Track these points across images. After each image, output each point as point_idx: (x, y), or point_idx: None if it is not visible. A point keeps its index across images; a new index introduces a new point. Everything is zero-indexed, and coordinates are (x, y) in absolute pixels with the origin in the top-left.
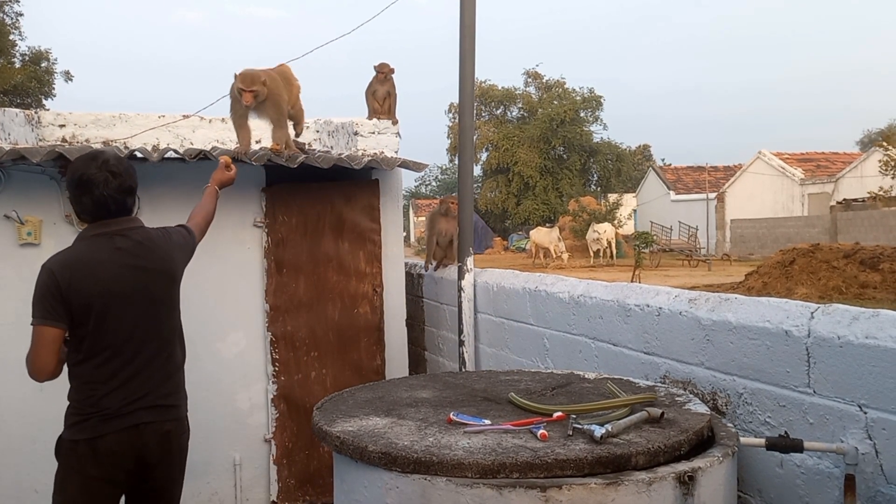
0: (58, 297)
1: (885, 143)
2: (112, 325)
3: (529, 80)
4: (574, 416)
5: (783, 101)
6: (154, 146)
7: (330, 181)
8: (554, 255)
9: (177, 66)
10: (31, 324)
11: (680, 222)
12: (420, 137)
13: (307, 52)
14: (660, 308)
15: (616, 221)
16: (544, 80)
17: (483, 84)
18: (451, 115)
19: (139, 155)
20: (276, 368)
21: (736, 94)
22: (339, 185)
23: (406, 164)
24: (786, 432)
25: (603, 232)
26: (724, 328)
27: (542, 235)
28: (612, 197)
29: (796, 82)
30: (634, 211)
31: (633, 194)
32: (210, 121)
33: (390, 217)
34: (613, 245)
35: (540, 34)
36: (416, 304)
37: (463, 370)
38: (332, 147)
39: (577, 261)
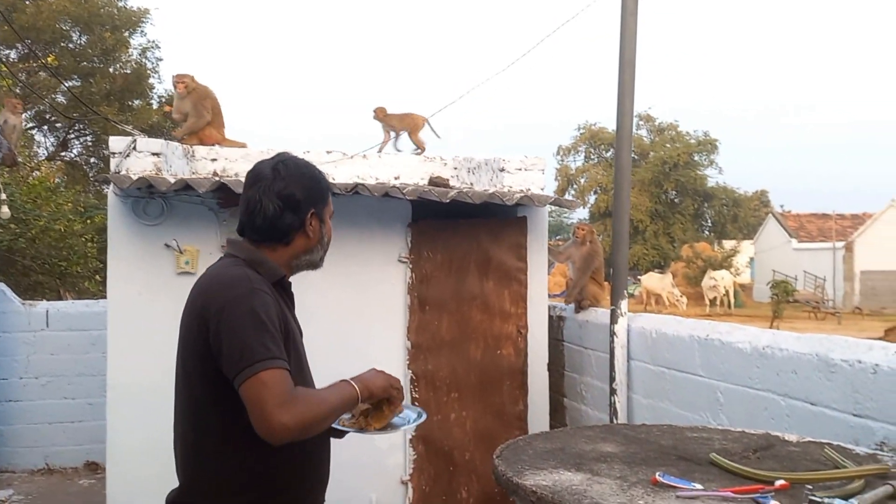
0: None
1: None
2: None
3: (641, 122)
4: (810, 487)
5: None
6: None
7: (476, 218)
8: (667, 302)
9: (311, 100)
10: None
11: (805, 272)
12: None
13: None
14: (876, 365)
15: (733, 269)
16: (656, 123)
17: (593, 127)
18: (558, 157)
19: None
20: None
21: (860, 135)
22: (486, 222)
23: (559, 202)
24: None
25: (720, 279)
26: None
27: (655, 281)
28: (729, 244)
29: None
30: (752, 259)
31: (751, 241)
32: (352, 157)
33: (536, 256)
34: (731, 294)
35: (651, 77)
36: (555, 348)
37: (615, 421)
38: (472, 184)
39: (692, 308)
